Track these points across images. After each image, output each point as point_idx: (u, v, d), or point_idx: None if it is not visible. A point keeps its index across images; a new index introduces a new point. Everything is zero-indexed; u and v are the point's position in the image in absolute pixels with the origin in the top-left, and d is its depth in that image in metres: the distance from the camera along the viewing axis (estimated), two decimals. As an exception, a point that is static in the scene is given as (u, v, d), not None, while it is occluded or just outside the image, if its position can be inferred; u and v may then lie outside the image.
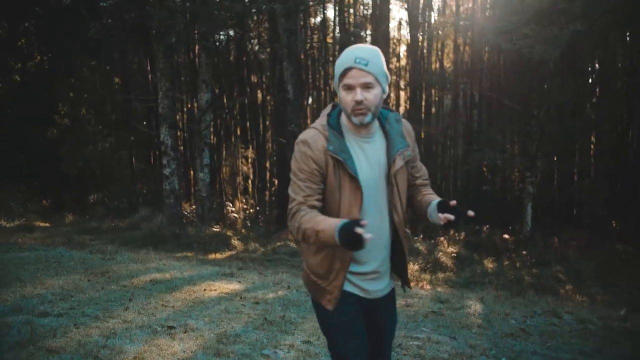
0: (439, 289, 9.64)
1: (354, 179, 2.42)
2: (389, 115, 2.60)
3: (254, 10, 12.66)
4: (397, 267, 2.68)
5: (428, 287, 10.04)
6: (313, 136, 2.44)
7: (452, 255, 12.63)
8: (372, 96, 2.39)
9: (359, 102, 2.37)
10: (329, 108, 2.58)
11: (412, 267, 11.02)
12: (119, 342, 4.59)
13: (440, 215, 2.37)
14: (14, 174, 19.14)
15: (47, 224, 14.75)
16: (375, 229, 2.45)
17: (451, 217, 2.33)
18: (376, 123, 2.55)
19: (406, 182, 2.61)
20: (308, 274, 2.60)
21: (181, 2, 12.34)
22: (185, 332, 5.02)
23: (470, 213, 2.34)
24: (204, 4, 11.75)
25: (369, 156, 2.49)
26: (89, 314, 5.30)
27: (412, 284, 10.06)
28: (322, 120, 2.51)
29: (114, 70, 21.96)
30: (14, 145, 19.87)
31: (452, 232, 16.70)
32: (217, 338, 4.92)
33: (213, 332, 5.08)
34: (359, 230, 2.10)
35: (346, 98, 2.40)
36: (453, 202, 2.39)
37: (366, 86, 2.37)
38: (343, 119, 2.52)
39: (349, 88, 2.39)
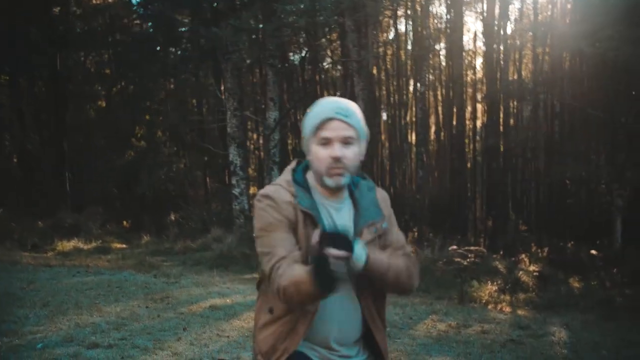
0: (519, 312, 8.95)
1: None
2: (360, 183, 2.20)
3: (322, 25, 12.39)
4: (381, 346, 2.19)
5: (508, 309, 9.35)
6: (276, 190, 2.05)
7: (534, 274, 11.76)
8: (352, 154, 2.01)
9: (337, 159, 1.98)
10: (293, 164, 2.20)
11: (490, 288, 10.32)
12: (163, 378, 4.34)
13: None
14: (95, 196, 19.81)
15: (123, 246, 14.94)
16: (340, 307, 2.06)
17: None
18: (346, 190, 2.15)
19: None
20: (256, 353, 2.17)
21: (247, 21, 12.28)
22: (235, 367, 4.73)
23: None
24: (269, 22, 11.65)
25: (337, 224, 2.06)
26: (139, 345, 5.09)
27: (490, 306, 9.43)
28: (286, 176, 2.13)
29: (189, 92, 22.45)
30: (98, 168, 20.62)
31: (534, 249, 15.78)
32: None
33: (265, 367, 4.74)
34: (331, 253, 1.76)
35: (321, 153, 2.00)
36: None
37: (346, 141, 2.00)
38: (310, 178, 2.13)
39: (326, 143, 2.00)
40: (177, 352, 4.99)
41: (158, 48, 21.18)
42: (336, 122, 1.99)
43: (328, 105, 2.05)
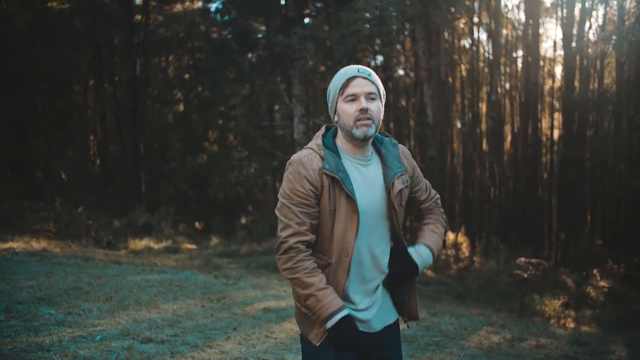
0: (583, 329, 8.63)
1: (351, 201, 2.22)
2: (384, 140, 2.44)
3: (387, 34, 12.38)
4: (401, 298, 2.48)
5: (571, 325, 9.05)
6: (308, 155, 2.27)
7: (604, 290, 11.31)
8: (376, 108, 2.27)
9: (364, 110, 2.22)
10: (322, 130, 2.43)
11: (555, 302, 10.00)
12: (206, 374, 4.48)
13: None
14: (169, 197, 20.50)
15: (193, 246, 15.40)
16: (372, 256, 2.33)
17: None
18: (372, 147, 2.40)
19: (404, 208, 2.44)
20: (299, 306, 2.35)
21: (313, 29, 12.44)
22: (278, 367, 4.82)
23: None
24: (335, 31, 11.77)
25: (367, 179, 2.31)
26: (189, 342, 5.28)
27: (552, 321, 9.14)
28: (316, 140, 2.34)
29: (262, 98, 22.90)
30: (172, 171, 21.34)
31: (609, 264, 15.10)
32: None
33: (308, 369, 4.81)
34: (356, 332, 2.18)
35: (349, 109, 2.25)
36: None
37: (370, 97, 2.25)
38: (339, 141, 2.36)
39: (352, 99, 2.25)
40: (224, 351, 5.13)
41: (234, 54, 21.76)
42: (359, 80, 2.26)
43: (350, 67, 2.30)
